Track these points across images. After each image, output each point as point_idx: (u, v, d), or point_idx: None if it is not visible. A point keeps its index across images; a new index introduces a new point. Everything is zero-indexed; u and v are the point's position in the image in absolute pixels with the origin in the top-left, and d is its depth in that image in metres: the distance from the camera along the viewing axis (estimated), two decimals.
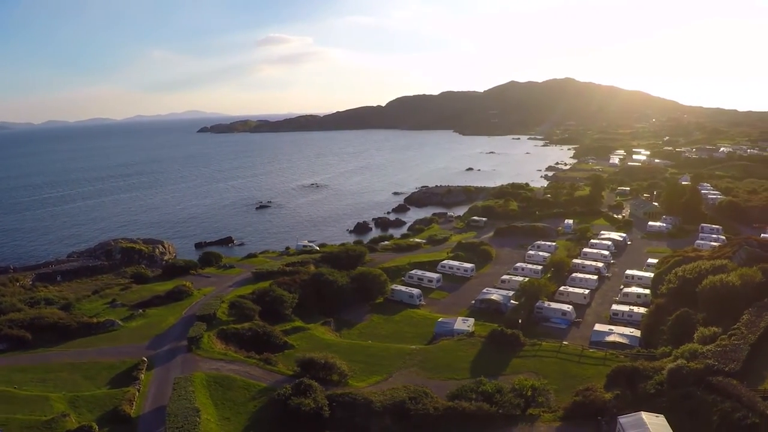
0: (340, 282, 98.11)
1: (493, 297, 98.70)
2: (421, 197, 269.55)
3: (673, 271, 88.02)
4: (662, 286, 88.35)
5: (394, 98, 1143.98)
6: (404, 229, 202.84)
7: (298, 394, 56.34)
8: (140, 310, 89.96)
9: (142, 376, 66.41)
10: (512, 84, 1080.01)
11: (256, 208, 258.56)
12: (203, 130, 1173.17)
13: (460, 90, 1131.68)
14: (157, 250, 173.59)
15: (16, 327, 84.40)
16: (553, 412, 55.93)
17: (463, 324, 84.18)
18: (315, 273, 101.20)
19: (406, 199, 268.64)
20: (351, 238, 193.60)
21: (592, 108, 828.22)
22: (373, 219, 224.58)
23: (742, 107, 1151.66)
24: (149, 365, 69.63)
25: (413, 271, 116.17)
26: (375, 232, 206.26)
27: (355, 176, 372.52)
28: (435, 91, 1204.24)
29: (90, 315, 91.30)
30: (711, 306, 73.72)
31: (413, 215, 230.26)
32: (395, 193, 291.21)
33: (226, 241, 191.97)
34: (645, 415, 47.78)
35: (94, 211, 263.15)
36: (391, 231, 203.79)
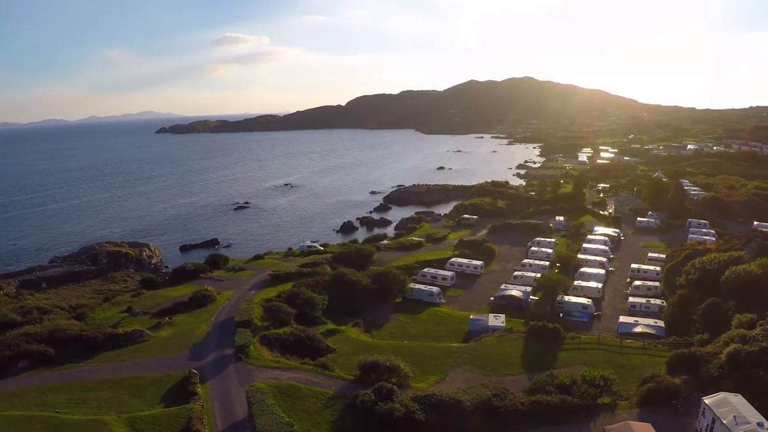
0: (363, 282, 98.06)
1: (513, 293, 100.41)
2: (400, 196, 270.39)
3: (690, 263, 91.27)
4: (680, 278, 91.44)
5: (354, 98, 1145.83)
6: (390, 229, 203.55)
7: (383, 399, 54.68)
8: (166, 318, 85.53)
9: (199, 390, 61.90)
10: (472, 83, 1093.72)
11: (234, 209, 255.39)
12: (162, 130, 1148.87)
13: (419, 89, 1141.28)
14: (144, 253, 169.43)
15: (35, 341, 77.19)
16: (627, 399, 57.90)
17: (496, 320, 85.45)
18: (337, 273, 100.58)
19: (385, 198, 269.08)
20: (339, 238, 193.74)
21: (553, 107, 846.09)
22: (357, 218, 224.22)
23: (700, 105, 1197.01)
24: (201, 378, 65.67)
25: (426, 270, 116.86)
26: (362, 232, 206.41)
27: (328, 176, 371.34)
28: (395, 91, 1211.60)
29: (109, 325, 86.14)
30: (737, 295, 76.94)
31: (396, 214, 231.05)
32: (372, 192, 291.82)
33: (212, 243, 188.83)
34: (725, 394, 50.23)
35: (68, 214, 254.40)
36: (377, 230, 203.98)
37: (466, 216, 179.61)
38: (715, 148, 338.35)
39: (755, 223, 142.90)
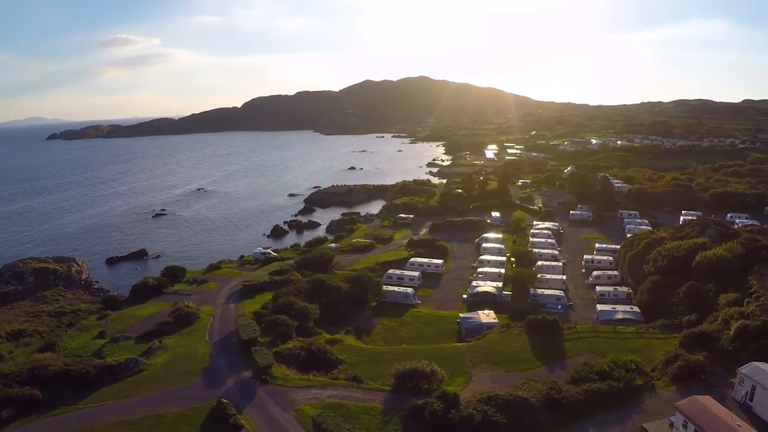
0: (344, 288, 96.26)
1: (487, 289, 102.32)
2: (321, 197, 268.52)
3: (656, 251, 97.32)
4: (647, 265, 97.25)
5: (250, 99, 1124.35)
6: (321, 231, 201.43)
7: (452, 407, 53.08)
8: (155, 342, 76.48)
9: (243, 422, 55.20)
10: (367, 83, 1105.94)
11: (152, 217, 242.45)
12: (53, 137, 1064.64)
13: (315, 90, 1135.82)
14: (72, 268, 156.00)
15: (16, 384, 64.92)
16: (659, 379, 61.21)
17: (488, 317, 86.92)
18: (315, 280, 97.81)
19: (306, 201, 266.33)
20: (272, 243, 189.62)
21: (448, 105, 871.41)
22: (285, 222, 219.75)
23: (593, 101, 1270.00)
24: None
25: (391, 271, 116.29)
26: (292, 236, 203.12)
27: (241, 179, 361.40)
28: (290, 91, 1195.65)
29: (89, 354, 76.06)
30: (711, 277, 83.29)
31: (322, 216, 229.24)
32: (291, 195, 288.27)
33: (140, 255, 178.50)
34: (756, 363, 54.55)
35: None
36: (307, 233, 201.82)
37: (402, 215, 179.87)
38: (619, 142, 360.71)
39: (683, 211, 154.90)
